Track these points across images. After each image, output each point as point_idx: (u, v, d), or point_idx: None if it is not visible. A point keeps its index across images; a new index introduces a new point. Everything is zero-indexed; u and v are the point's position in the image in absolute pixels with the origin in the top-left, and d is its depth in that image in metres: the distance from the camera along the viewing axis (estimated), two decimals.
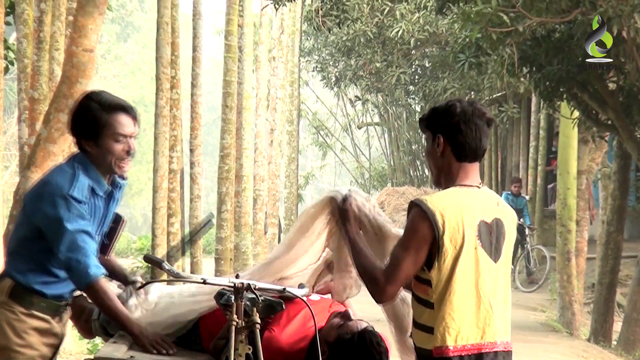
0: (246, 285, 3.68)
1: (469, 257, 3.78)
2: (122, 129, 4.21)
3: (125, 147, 4.23)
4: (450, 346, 3.72)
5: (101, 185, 4.25)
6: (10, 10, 11.42)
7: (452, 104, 3.95)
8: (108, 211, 4.36)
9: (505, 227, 3.92)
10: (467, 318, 3.76)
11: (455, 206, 3.80)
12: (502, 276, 3.89)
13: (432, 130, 3.95)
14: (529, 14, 9.61)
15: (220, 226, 16.06)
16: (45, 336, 4.23)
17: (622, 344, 13.02)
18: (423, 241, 3.78)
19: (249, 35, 18.02)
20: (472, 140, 3.88)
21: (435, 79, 20.16)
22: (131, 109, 4.31)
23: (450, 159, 3.90)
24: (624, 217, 13.75)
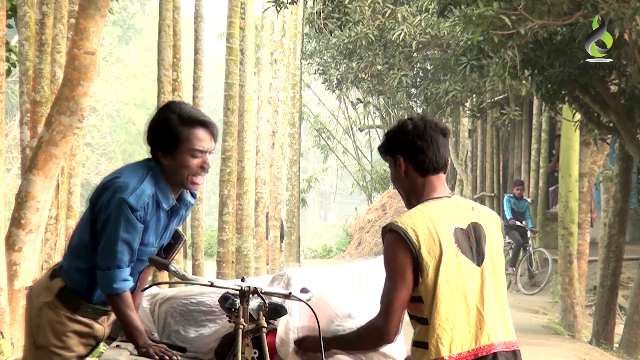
0: (252, 289, 3.68)
1: (451, 265, 3.79)
2: (200, 145, 4.10)
3: (201, 163, 4.13)
4: (446, 356, 3.73)
5: (168, 199, 4.16)
6: (12, 12, 11.43)
7: (403, 122, 3.96)
8: (169, 225, 4.26)
9: (484, 229, 3.93)
10: (458, 326, 3.76)
11: (426, 219, 3.81)
12: (490, 277, 3.89)
13: (391, 153, 3.98)
14: (531, 16, 9.61)
15: (222, 229, 16.06)
16: (84, 338, 4.23)
17: (624, 346, 13.01)
18: (405, 263, 3.78)
19: (251, 37, 18.03)
20: (431, 153, 3.89)
21: (437, 82, 20.14)
22: (211, 124, 4.18)
23: (414, 176, 3.93)
24: (625, 219, 13.75)
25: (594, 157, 14.78)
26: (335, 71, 28.43)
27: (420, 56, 21.96)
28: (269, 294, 3.73)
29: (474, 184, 27.73)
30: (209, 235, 30.47)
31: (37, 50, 10.48)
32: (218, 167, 16.88)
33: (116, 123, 47.63)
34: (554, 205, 20.18)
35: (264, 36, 23.18)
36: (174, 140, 4.09)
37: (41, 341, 4.15)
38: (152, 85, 43.00)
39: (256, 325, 3.66)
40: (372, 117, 37.72)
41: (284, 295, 3.79)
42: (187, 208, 4.33)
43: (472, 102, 23.06)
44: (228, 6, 16.71)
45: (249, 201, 17.96)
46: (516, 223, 18.95)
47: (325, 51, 28.49)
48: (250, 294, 3.68)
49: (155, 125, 4.17)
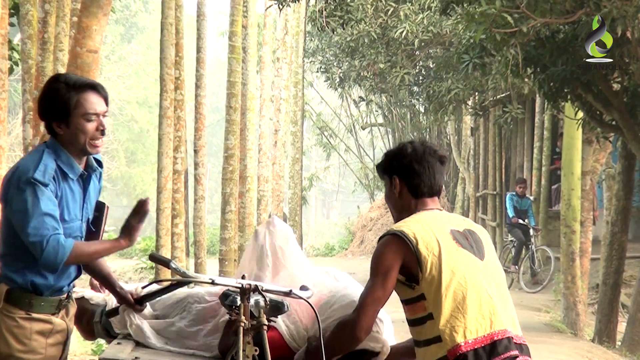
0: (253, 286, 3.68)
1: (453, 257, 3.86)
2: (92, 108, 4.11)
3: (97, 126, 4.13)
4: (462, 343, 3.75)
5: (73, 168, 4.15)
6: (15, 11, 11.43)
7: (403, 145, 4.10)
8: (86, 196, 4.25)
9: (479, 234, 4.05)
10: (471, 312, 3.80)
11: (421, 223, 3.93)
12: (493, 274, 3.97)
13: (388, 173, 4.11)
14: (533, 14, 9.60)
15: (225, 227, 16.07)
16: (49, 337, 4.15)
17: (627, 344, 13.01)
18: (391, 265, 3.87)
19: (253, 36, 18.03)
20: (427, 178, 4.03)
21: (439, 80, 20.12)
22: (101, 87, 4.20)
23: (407, 198, 4.06)
24: (628, 217, 13.74)
25: (597, 155, 14.77)
26: (337, 69, 28.42)
27: (422, 54, 21.95)
28: (269, 291, 3.74)
29: (476, 182, 27.72)
30: (211, 233, 30.47)
31: (39, 49, 10.49)
32: (220, 165, 16.88)
33: (119, 121, 47.63)
34: (556, 204, 20.16)
35: (266, 34, 23.20)
36: (65, 107, 4.08)
37: (4, 350, 4.07)
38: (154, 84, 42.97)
39: (257, 322, 3.66)
40: (375, 115, 37.72)
41: (284, 293, 3.79)
42: (98, 177, 4.32)
43: (474, 100, 23.04)
44: (230, 4, 16.71)
45: (252, 199, 17.97)
46: (519, 221, 18.93)
47: (328, 49, 28.49)
48: (251, 291, 3.68)
49: (45, 97, 4.16)
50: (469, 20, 10.10)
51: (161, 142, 13.68)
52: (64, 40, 10.49)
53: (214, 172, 52.05)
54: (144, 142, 51.85)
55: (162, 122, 13.68)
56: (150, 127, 49.40)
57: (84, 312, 4.55)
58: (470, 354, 3.76)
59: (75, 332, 4.55)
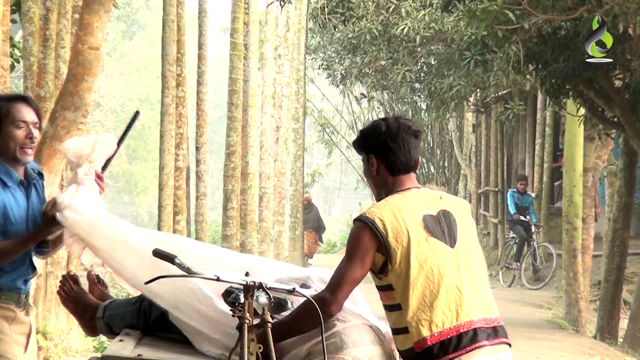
0: (257, 283, 3.68)
1: (421, 249, 3.90)
2: (22, 116, 4.36)
3: (27, 134, 4.37)
4: (427, 336, 3.81)
5: (10, 176, 4.38)
6: (17, 8, 11.43)
7: (377, 123, 4.13)
8: (30, 204, 4.47)
9: (453, 215, 4.06)
10: (437, 305, 3.85)
11: (393, 209, 3.95)
12: (465, 258, 3.99)
13: (364, 151, 4.14)
14: (535, 11, 9.60)
15: (226, 224, 16.09)
16: (14, 324, 4.34)
17: (629, 341, 13.01)
18: (367, 248, 3.91)
19: (255, 33, 18.04)
20: (402, 155, 4.06)
21: (440, 77, 20.13)
22: (29, 98, 4.53)
23: (385, 175, 4.09)
24: (630, 214, 13.73)
25: (598, 151, 14.77)
26: (339, 66, 28.40)
27: (424, 51, 21.95)
28: (272, 289, 3.73)
29: (478, 178, 27.73)
30: (213, 230, 30.47)
31: (41, 46, 10.49)
32: (222, 162, 16.89)
33: (120, 118, 47.61)
34: (558, 200, 20.16)
35: (267, 31, 23.21)
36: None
37: None
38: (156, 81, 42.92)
39: (261, 320, 3.66)
40: (376, 112, 37.68)
41: (288, 291, 3.79)
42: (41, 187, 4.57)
43: (476, 97, 23.05)
44: (232, 1, 16.72)
45: (253, 196, 17.99)
46: (520, 218, 18.93)
47: (329, 46, 28.46)
48: (255, 288, 3.68)
49: None
50: (470, 17, 10.11)
51: (163, 139, 13.69)
52: (66, 37, 10.49)
53: (216, 169, 52.07)
54: (145, 139, 51.85)
55: (164, 119, 13.69)
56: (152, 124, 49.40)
57: (86, 308, 4.55)
58: (437, 346, 3.81)
59: (77, 329, 4.60)
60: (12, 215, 4.35)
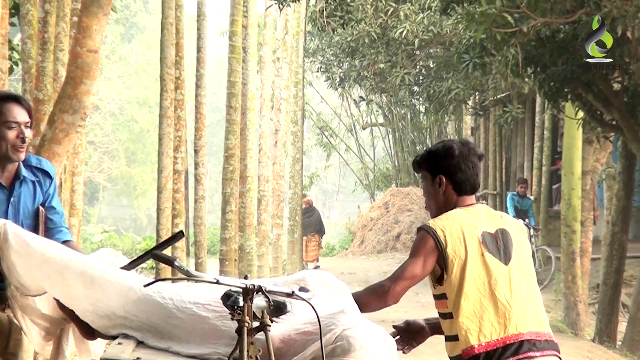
0: (257, 287, 3.68)
1: (477, 263, 4.14)
2: (13, 116, 4.44)
3: (18, 134, 4.45)
4: (475, 345, 4.06)
5: None
6: (15, 11, 11.43)
7: (449, 146, 4.34)
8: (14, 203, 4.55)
9: (511, 234, 4.28)
10: (486, 318, 4.09)
11: (455, 223, 4.19)
12: (518, 275, 4.20)
13: (432, 171, 4.36)
14: (534, 14, 9.60)
15: (225, 227, 16.08)
16: None
17: (627, 344, 13.02)
18: (430, 251, 4.14)
19: (253, 36, 18.03)
20: (471, 177, 4.32)
21: (439, 80, 20.14)
22: (23, 99, 4.57)
23: (450, 194, 4.34)
24: (628, 217, 13.75)
25: (597, 154, 14.77)
26: (337, 69, 28.45)
27: (422, 54, 21.96)
28: (272, 292, 3.73)
29: None
30: (211, 233, 30.49)
31: (39, 49, 10.48)
32: (221, 165, 16.87)
33: (119, 121, 47.66)
34: (557, 203, 20.17)
35: (266, 34, 23.19)
36: None
37: None
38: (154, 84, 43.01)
39: (261, 323, 3.66)
40: (375, 115, 37.75)
41: (287, 294, 3.78)
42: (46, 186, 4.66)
43: (474, 100, 23.05)
44: (231, 4, 16.72)
45: (252, 199, 17.97)
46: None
47: (328, 49, 28.51)
48: (254, 292, 3.68)
49: None
50: (469, 20, 10.11)
51: (161, 141, 13.68)
52: (64, 40, 10.49)
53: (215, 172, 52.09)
54: (144, 142, 51.88)
55: (163, 122, 13.68)
56: (150, 127, 49.44)
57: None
58: (483, 355, 4.06)
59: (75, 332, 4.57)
60: None
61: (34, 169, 4.65)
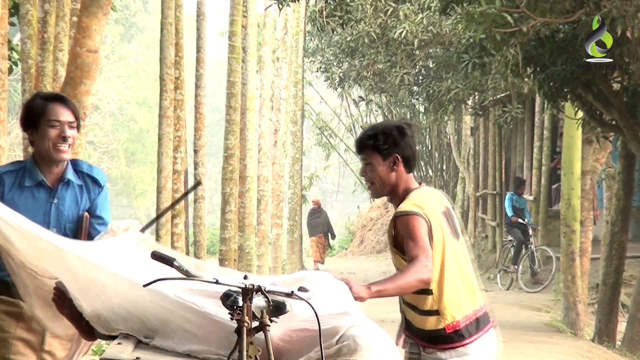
0: (256, 287, 3.68)
1: (450, 242, 4.38)
2: (55, 115, 4.51)
3: (60, 133, 4.50)
4: (460, 319, 4.31)
5: (32, 176, 4.55)
6: (14, 10, 11.43)
7: (401, 125, 4.51)
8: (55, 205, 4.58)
9: (452, 210, 4.58)
10: (461, 293, 4.35)
11: (427, 205, 4.39)
12: (466, 251, 4.52)
13: (385, 150, 4.45)
14: (533, 14, 9.60)
15: (224, 227, 16.07)
16: (21, 320, 4.42)
17: (627, 344, 13.01)
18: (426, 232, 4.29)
19: (253, 36, 18.03)
20: (415, 153, 4.55)
21: (439, 80, 20.13)
22: (66, 99, 4.63)
23: (402, 172, 4.47)
24: (628, 217, 13.74)
25: (597, 154, 14.77)
26: (337, 69, 28.43)
27: (422, 54, 21.95)
28: (271, 292, 3.73)
29: (476, 181, 27.74)
30: (211, 233, 30.49)
31: (39, 49, 10.48)
32: (220, 165, 16.87)
33: (118, 121, 47.63)
34: (556, 203, 20.17)
35: (266, 34, 23.19)
36: (34, 114, 4.55)
37: None
38: (154, 84, 42.98)
39: (260, 323, 3.66)
40: (374, 115, 37.71)
41: (286, 294, 3.78)
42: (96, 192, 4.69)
43: (474, 100, 23.04)
44: (230, 4, 16.71)
45: (251, 199, 17.97)
46: (518, 220, 18.94)
47: (327, 49, 28.49)
48: (254, 291, 3.67)
49: (23, 108, 4.71)
50: (468, 20, 10.10)
51: (161, 142, 13.68)
52: (64, 40, 10.48)
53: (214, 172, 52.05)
54: (143, 142, 51.86)
55: (162, 122, 13.68)
56: (150, 127, 49.41)
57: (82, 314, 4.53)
58: (464, 329, 4.31)
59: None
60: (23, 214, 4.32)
61: (84, 175, 4.69)
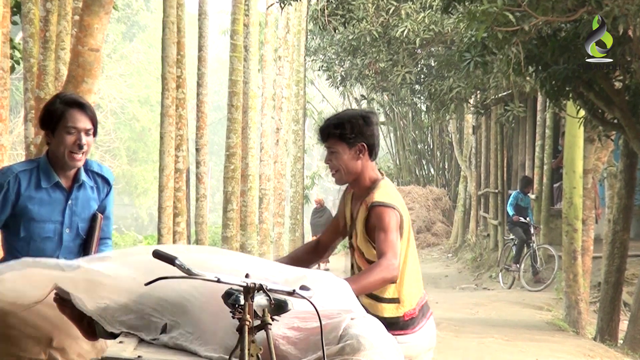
0: (258, 285, 3.68)
1: (411, 234, 4.55)
2: (73, 122, 4.53)
3: (75, 140, 4.53)
4: (416, 307, 4.49)
5: (49, 178, 4.59)
6: (17, 9, 11.45)
7: (367, 114, 4.59)
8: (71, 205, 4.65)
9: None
10: (416, 280, 4.55)
11: (398, 197, 4.53)
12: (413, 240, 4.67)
13: (351, 139, 4.52)
14: (535, 13, 9.60)
15: (227, 225, 16.09)
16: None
17: (628, 342, 13.00)
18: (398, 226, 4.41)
19: (255, 34, 18.04)
20: (379, 142, 4.63)
21: (440, 78, 20.13)
22: (85, 106, 4.62)
23: (365, 161, 4.55)
24: (630, 216, 13.72)
25: (598, 153, 14.75)
26: (339, 68, 28.43)
27: (424, 53, 21.96)
28: (273, 290, 3.73)
29: (477, 180, 27.73)
30: (213, 232, 30.50)
31: (41, 47, 10.50)
32: (222, 163, 16.87)
33: (120, 120, 47.66)
34: (558, 202, 20.16)
35: (267, 33, 23.21)
36: (53, 118, 4.55)
37: None
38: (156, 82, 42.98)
39: (262, 321, 3.66)
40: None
41: (288, 292, 3.78)
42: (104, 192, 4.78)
43: (476, 99, 23.04)
44: (232, 3, 16.72)
45: (253, 198, 17.99)
46: (520, 219, 18.93)
47: (329, 48, 28.50)
48: (255, 290, 3.68)
49: (43, 109, 4.66)
50: (470, 19, 10.09)
51: (163, 140, 13.69)
52: (66, 39, 10.50)
53: (216, 171, 52.09)
54: (145, 141, 51.89)
55: (164, 121, 13.69)
56: (152, 125, 49.45)
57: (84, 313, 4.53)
58: (418, 316, 4.49)
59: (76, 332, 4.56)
60: (36, 213, 4.55)
61: (95, 174, 4.75)
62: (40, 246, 4.61)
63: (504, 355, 10.76)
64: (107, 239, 4.93)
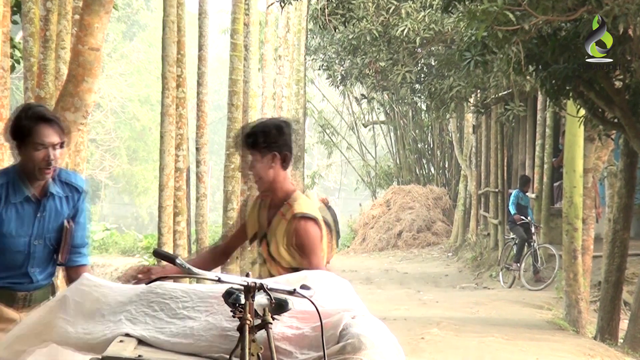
0: (258, 284, 3.68)
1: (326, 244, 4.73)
2: (40, 138, 4.48)
3: (45, 156, 4.49)
4: None
5: (17, 192, 4.56)
6: (17, 8, 11.44)
7: (280, 124, 4.67)
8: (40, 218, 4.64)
9: None
10: None
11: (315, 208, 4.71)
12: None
13: (264, 149, 4.63)
14: (535, 12, 9.60)
15: (227, 224, 16.08)
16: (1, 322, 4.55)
17: (629, 341, 13.00)
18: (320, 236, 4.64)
19: (255, 33, 18.03)
20: (293, 152, 4.70)
21: (441, 78, 20.13)
22: (56, 120, 4.57)
23: (278, 170, 4.69)
24: (630, 215, 13.72)
25: (599, 152, 14.75)
26: (339, 67, 28.44)
27: (424, 52, 21.96)
28: (273, 290, 3.73)
29: (478, 179, 27.73)
30: (213, 231, 30.47)
31: (41, 47, 10.49)
32: (222, 163, 16.86)
33: (120, 119, 47.65)
34: (558, 201, 20.16)
35: (268, 32, 23.20)
36: (21, 134, 4.52)
37: None
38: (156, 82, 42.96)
39: (262, 321, 3.66)
40: (376, 112, 37.75)
41: (288, 292, 3.78)
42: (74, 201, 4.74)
43: (476, 98, 23.04)
44: (232, 2, 16.71)
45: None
46: (521, 218, 18.94)
47: (329, 47, 28.51)
48: (256, 289, 3.68)
49: (13, 122, 4.61)
50: (470, 18, 10.10)
51: (163, 139, 13.69)
52: (66, 38, 10.50)
53: (216, 170, 52.06)
54: (145, 140, 51.87)
55: (164, 120, 13.69)
56: (152, 124, 49.43)
57: None
58: None
59: None
60: (5, 228, 4.54)
61: (64, 183, 4.72)
62: (10, 259, 4.61)
63: (505, 354, 10.77)
64: (82, 247, 4.87)
